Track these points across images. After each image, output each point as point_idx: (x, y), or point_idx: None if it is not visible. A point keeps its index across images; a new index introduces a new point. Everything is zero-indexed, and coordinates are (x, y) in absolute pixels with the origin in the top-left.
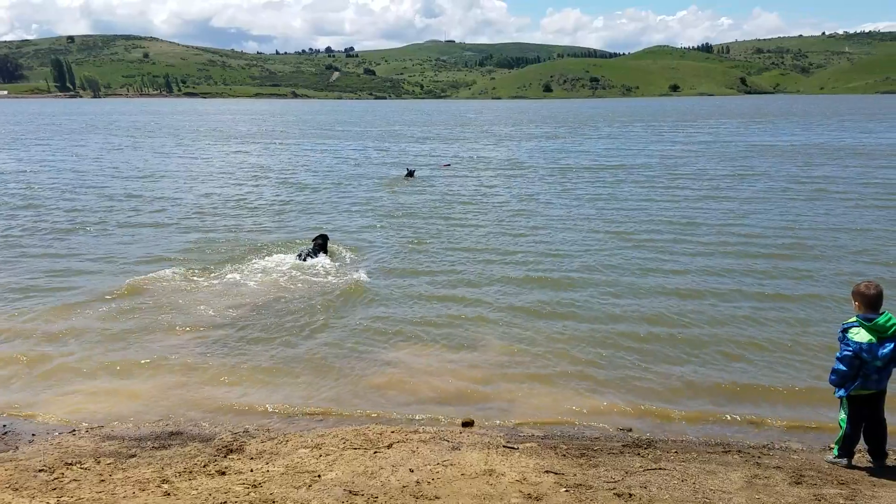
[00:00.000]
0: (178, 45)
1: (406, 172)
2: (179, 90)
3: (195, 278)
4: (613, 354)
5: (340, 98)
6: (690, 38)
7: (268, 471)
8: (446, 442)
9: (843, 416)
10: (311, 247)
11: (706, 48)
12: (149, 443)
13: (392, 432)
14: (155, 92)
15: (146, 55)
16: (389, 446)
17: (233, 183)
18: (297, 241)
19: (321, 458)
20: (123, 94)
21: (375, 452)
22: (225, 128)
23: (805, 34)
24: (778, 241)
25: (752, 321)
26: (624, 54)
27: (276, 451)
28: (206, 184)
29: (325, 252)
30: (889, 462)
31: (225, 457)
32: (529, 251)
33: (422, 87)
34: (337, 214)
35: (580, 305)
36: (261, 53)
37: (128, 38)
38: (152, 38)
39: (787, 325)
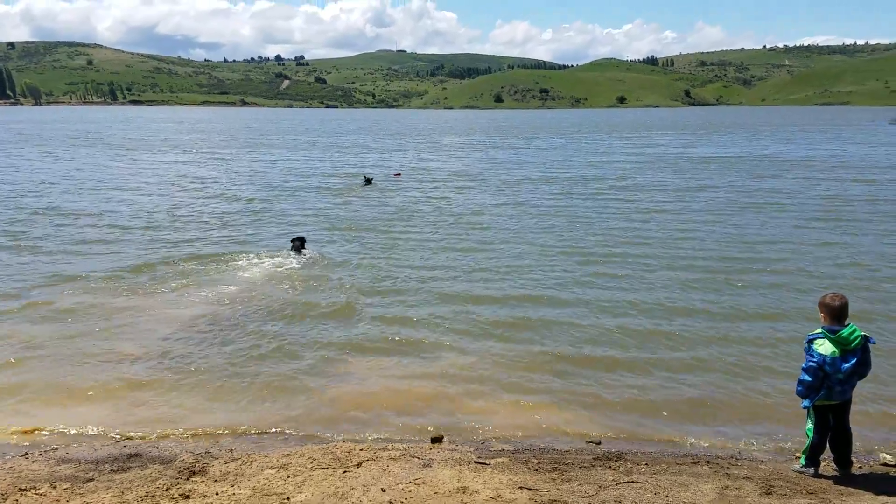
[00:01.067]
0: (123, 52)
1: (364, 180)
2: (124, 98)
3: (141, 294)
4: (574, 368)
5: (291, 106)
6: (636, 50)
7: (234, 494)
8: (417, 459)
9: (809, 425)
10: (290, 248)
11: (651, 61)
12: (107, 466)
13: (361, 450)
14: (99, 100)
15: (90, 62)
16: (359, 465)
17: (185, 195)
18: (252, 252)
19: (289, 479)
20: (66, 102)
21: (345, 472)
22: (170, 137)
23: (747, 47)
24: (734, 255)
25: (713, 334)
26: (572, 66)
27: (241, 472)
28: (150, 196)
29: (301, 252)
30: (854, 470)
31: (188, 479)
32: (487, 267)
33: (374, 96)
34: (294, 225)
35: (539, 320)
36: (208, 61)
37: (71, 44)
38: (96, 45)
39: (748, 338)
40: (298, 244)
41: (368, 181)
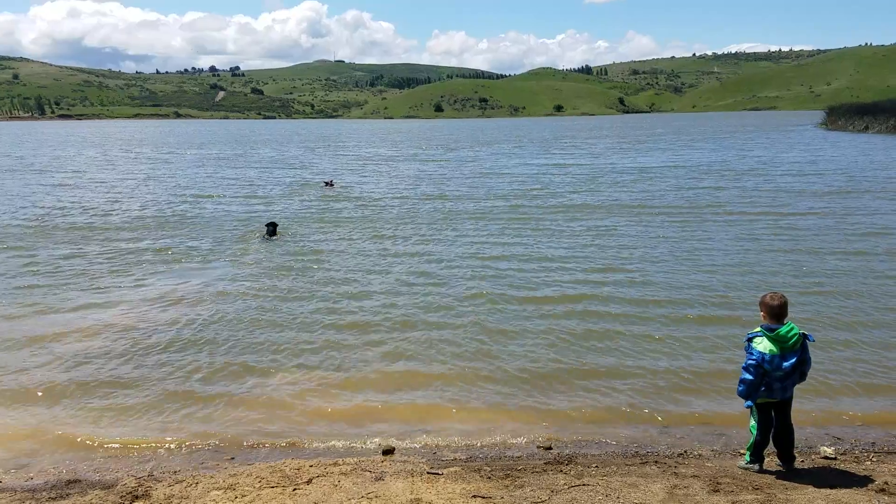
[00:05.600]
0: (51, 65)
1: (324, 182)
2: (53, 112)
3: (50, 308)
4: (521, 374)
5: (227, 118)
6: (570, 60)
7: None
8: (369, 473)
9: (753, 423)
10: (265, 231)
11: (586, 70)
12: (44, 493)
13: (311, 466)
14: (26, 115)
15: (16, 76)
16: (309, 482)
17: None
18: (175, 260)
19: (237, 500)
20: None
21: (295, 489)
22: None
23: (677, 55)
24: (682, 253)
25: (656, 335)
26: (510, 75)
27: (186, 494)
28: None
29: (275, 235)
30: (797, 465)
31: None
32: (422, 271)
33: (313, 106)
34: (233, 228)
35: (484, 328)
36: (140, 73)
37: None
38: (22, 59)
39: (689, 338)
40: (271, 229)
41: (329, 183)
